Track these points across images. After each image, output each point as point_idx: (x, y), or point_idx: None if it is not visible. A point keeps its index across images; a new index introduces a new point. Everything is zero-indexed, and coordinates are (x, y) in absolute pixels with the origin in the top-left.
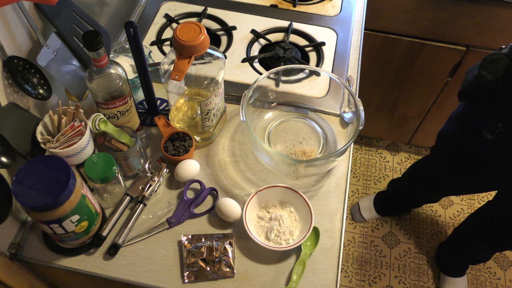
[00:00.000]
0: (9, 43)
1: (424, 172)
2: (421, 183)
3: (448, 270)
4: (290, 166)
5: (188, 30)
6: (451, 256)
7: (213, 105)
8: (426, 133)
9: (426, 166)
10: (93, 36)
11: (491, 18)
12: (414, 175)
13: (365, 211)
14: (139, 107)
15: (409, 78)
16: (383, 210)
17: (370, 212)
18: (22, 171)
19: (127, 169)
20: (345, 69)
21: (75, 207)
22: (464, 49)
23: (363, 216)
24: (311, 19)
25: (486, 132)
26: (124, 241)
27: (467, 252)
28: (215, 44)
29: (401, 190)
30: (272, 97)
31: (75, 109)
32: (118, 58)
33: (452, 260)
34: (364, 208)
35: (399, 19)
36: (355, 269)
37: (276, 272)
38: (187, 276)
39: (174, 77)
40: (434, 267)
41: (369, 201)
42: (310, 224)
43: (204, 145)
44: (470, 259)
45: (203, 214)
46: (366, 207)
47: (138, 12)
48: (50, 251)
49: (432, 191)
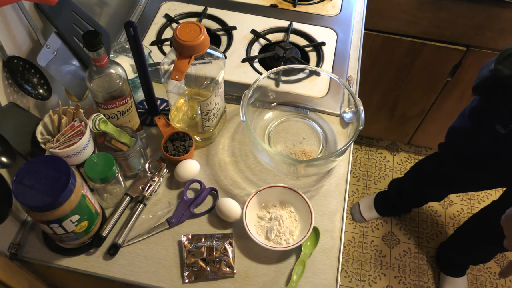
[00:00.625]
0: (9, 43)
1: (430, 169)
2: (426, 180)
3: (448, 270)
4: (290, 166)
5: (188, 30)
6: (452, 255)
7: (213, 105)
8: (426, 133)
9: (432, 163)
10: (93, 36)
11: (491, 18)
12: (419, 173)
13: (365, 211)
14: (139, 107)
15: (409, 78)
16: (384, 210)
17: (371, 212)
18: (22, 171)
19: (127, 169)
20: (345, 69)
21: (75, 207)
22: (464, 49)
23: (363, 216)
24: (311, 19)
25: (500, 126)
26: (124, 241)
27: (469, 252)
28: (215, 44)
29: (402, 189)
30: (272, 97)
31: (75, 109)
32: (118, 58)
33: (453, 259)
34: (364, 208)
35: (399, 19)
36: (355, 269)
37: (276, 272)
38: (187, 276)
39: (174, 77)
40: (434, 267)
41: (369, 201)
42: (310, 224)
43: (204, 145)
44: (471, 259)
45: (203, 214)
46: (367, 207)
47: (138, 12)
48: (50, 251)
49: (437, 188)
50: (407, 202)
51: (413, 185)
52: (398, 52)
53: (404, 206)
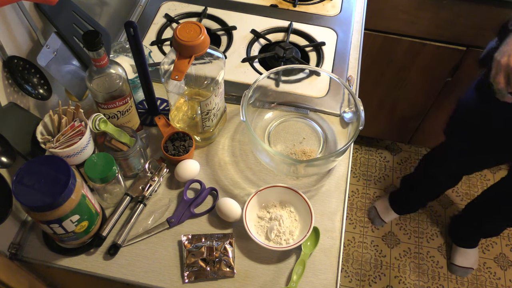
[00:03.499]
0: (9, 43)
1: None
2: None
3: (460, 241)
4: (290, 166)
5: (188, 30)
6: (463, 229)
7: (213, 105)
8: (426, 133)
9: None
10: (93, 36)
11: (491, 18)
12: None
13: (383, 214)
14: (139, 107)
15: (409, 78)
16: (400, 208)
17: (389, 213)
18: (22, 171)
19: (127, 169)
20: (345, 69)
21: (75, 207)
22: (464, 49)
23: (383, 219)
24: (311, 19)
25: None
26: (124, 241)
27: (480, 226)
28: (215, 44)
29: (414, 181)
30: (272, 97)
31: (75, 109)
32: (118, 58)
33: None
34: (382, 210)
35: (399, 19)
36: (355, 269)
37: (276, 272)
38: (187, 276)
39: (174, 77)
40: (434, 267)
41: (385, 203)
42: (310, 224)
43: (204, 145)
44: (482, 233)
45: (203, 214)
46: (384, 209)
47: (138, 12)
48: (50, 251)
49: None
50: (420, 194)
51: (423, 174)
52: (398, 52)
53: (418, 199)
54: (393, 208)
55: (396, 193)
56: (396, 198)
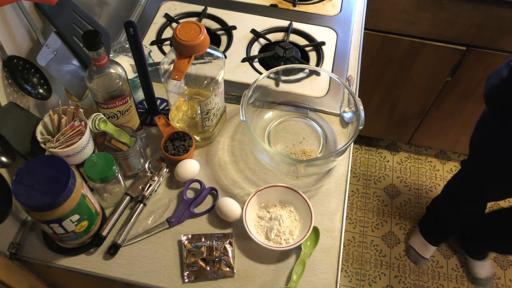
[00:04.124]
0: (9, 43)
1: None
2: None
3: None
4: (290, 166)
5: (188, 30)
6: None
7: (213, 105)
8: (426, 133)
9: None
10: (93, 36)
11: (491, 18)
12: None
13: (423, 251)
14: (139, 107)
15: (409, 78)
16: (435, 239)
17: (428, 248)
18: (22, 171)
19: (127, 169)
20: (345, 69)
21: (75, 207)
22: (464, 49)
23: (424, 257)
24: (311, 19)
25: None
26: (124, 240)
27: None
28: (215, 44)
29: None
30: (272, 96)
31: (75, 108)
32: (118, 58)
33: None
34: (420, 249)
35: (399, 19)
36: (355, 269)
37: (276, 272)
38: (187, 275)
39: (174, 77)
40: (434, 267)
41: (419, 239)
42: (310, 224)
43: (204, 145)
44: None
45: (203, 213)
46: (421, 246)
47: (138, 12)
48: (50, 251)
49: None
50: (446, 225)
51: (446, 209)
52: (398, 52)
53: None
54: (430, 242)
55: (427, 226)
56: (429, 232)
